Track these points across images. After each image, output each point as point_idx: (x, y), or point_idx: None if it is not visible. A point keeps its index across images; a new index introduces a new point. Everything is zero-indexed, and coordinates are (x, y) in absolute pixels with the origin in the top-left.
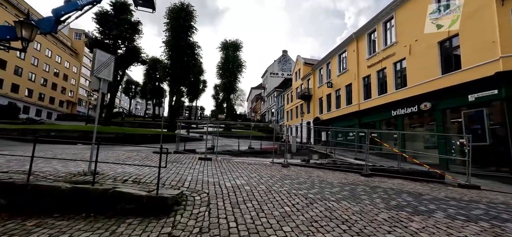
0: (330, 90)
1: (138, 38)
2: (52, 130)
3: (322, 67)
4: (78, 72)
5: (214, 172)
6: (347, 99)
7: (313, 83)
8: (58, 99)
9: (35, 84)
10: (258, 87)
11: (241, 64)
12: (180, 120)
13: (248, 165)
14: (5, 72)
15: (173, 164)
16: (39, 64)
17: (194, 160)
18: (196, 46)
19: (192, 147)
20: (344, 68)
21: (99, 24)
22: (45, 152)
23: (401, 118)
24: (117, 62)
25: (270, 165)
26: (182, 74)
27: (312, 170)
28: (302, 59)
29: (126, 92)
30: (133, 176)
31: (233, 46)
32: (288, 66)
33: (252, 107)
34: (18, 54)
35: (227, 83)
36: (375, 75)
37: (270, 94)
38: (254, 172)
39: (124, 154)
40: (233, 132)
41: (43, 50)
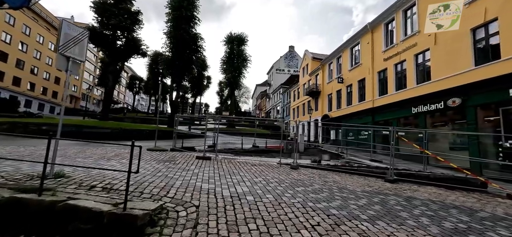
0: (340, 86)
1: (138, 29)
2: (43, 124)
3: (331, 62)
4: (82, 67)
5: (211, 175)
6: (360, 95)
7: (322, 79)
8: (61, 94)
9: (37, 77)
10: (264, 84)
11: (246, 59)
12: (178, 115)
13: (252, 166)
14: (7, 65)
15: (165, 164)
16: (42, 58)
17: (190, 160)
18: (199, 38)
19: (192, 144)
20: (357, 62)
21: (97, 13)
22: (25, 148)
23: (423, 116)
24: (116, 54)
25: (277, 167)
26: (184, 67)
27: (326, 173)
28: (310, 54)
29: (130, 87)
30: (106, 181)
31: (238, 40)
32: (295, 62)
33: (257, 105)
34: (20, 47)
35: (231, 78)
36: (392, 69)
37: (276, 91)
38: (259, 175)
39: (114, 151)
40: (237, 130)
41: (46, 44)
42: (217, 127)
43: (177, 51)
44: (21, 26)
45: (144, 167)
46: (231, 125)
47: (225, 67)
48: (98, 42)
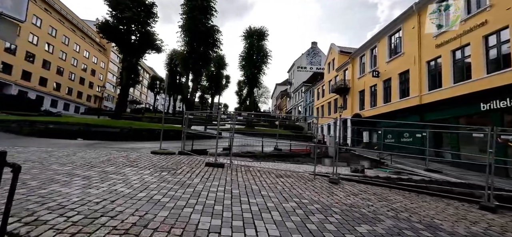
0: (375, 81)
1: (152, 22)
2: (51, 122)
3: (364, 54)
4: (106, 67)
5: (219, 195)
6: (402, 91)
7: (352, 74)
8: (86, 94)
9: (63, 78)
10: (284, 83)
11: (267, 55)
12: (188, 112)
13: (277, 178)
14: (34, 66)
15: (161, 176)
16: (67, 59)
17: (197, 167)
18: (216, 30)
19: (205, 146)
20: (398, 52)
21: (111, 7)
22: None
23: (498, 114)
24: (130, 49)
25: (311, 179)
26: (200, 62)
27: (381, 191)
28: (337, 47)
29: (151, 87)
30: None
31: (258, 34)
32: (318, 59)
33: (276, 104)
34: (46, 48)
35: (250, 75)
36: (449, 56)
37: (298, 89)
38: (290, 196)
39: (110, 154)
40: (256, 130)
41: (71, 45)
42: (233, 127)
43: (192, 44)
44: (47, 28)
45: (127, 180)
46: (249, 125)
47: (244, 64)
48: (112, 36)
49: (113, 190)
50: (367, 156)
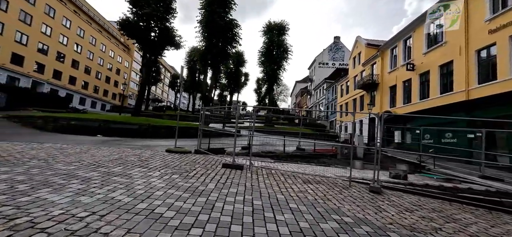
0: (410, 75)
1: (171, 18)
2: (73, 118)
3: (395, 46)
4: (130, 66)
5: (237, 208)
6: (443, 85)
7: (381, 68)
8: (111, 92)
9: (90, 77)
10: (304, 81)
11: (287, 50)
12: (204, 108)
13: (305, 184)
14: (64, 65)
15: (170, 179)
16: (94, 58)
17: (213, 169)
18: (235, 24)
19: (222, 144)
20: (439, 41)
21: (131, 4)
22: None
23: None
24: (150, 46)
25: (346, 187)
26: (218, 57)
27: (439, 205)
28: (364, 40)
29: (172, 86)
30: None
31: (278, 29)
32: (341, 54)
33: (296, 102)
34: (75, 48)
35: (270, 71)
36: (508, 43)
37: (319, 86)
38: (327, 213)
39: (122, 152)
40: (276, 128)
41: (98, 45)
42: (253, 124)
43: (211, 39)
44: (76, 29)
45: (131, 185)
46: (269, 123)
47: (263, 60)
48: (133, 33)
49: (109, 199)
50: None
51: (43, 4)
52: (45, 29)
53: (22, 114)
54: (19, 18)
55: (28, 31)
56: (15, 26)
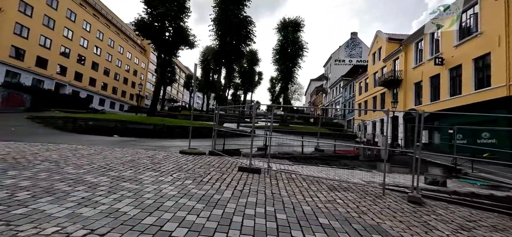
0: (437, 70)
1: (185, 17)
2: (91, 119)
3: (421, 39)
4: (146, 67)
5: (259, 224)
6: (478, 80)
7: (404, 64)
8: (129, 93)
9: (109, 78)
10: (319, 79)
11: (302, 47)
12: (219, 108)
13: (331, 191)
14: (84, 67)
15: (183, 185)
16: (113, 60)
17: (229, 173)
18: (249, 22)
19: (237, 145)
20: (472, 32)
21: (146, 4)
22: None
23: None
24: (164, 46)
25: (379, 195)
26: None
27: (498, 220)
28: (385, 34)
29: (187, 86)
30: None
31: (293, 26)
32: (358, 51)
33: (311, 101)
34: (94, 51)
35: (285, 69)
36: None
37: (335, 84)
38: (366, 231)
39: (136, 154)
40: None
41: (116, 47)
42: (270, 123)
43: (225, 38)
44: (95, 32)
45: (140, 193)
46: (284, 122)
47: (278, 57)
48: (148, 34)
49: (113, 211)
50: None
51: (65, 9)
52: (67, 33)
53: (44, 115)
54: (43, 23)
55: (51, 35)
56: (40, 31)
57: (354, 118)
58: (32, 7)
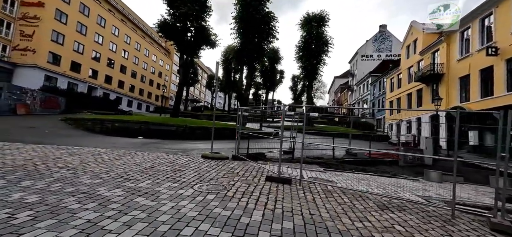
0: (490, 61)
1: (206, 16)
2: (117, 120)
3: (467, 27)
4: (170, 69)
5: None
6: None
7: (447, 56)
8: (154, 94)
9: (136, 80)
10: (344, 76)
11: (327, 43)
12: (243, 108)
13: (382, 211)
14: (113, 70)
15: (205, 200)
16: (139, 63)
17: (256, 182)
18: (271, 17)
19: (261, 148)
20: None
21: (168, 5)
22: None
23: None
24: (186, 47)
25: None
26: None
27: None
28: (421, 25)
29: (209, 86)
30: None
31: (317, 20)
32: (388, 45)
33: (335, 99)
34: (122, 54)
35: (309, 66)
36: None
37: (362, 81)
38: None
39: (156, 159)
40: (315, 128)
41: (142, 50)
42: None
43: (247, 35)
44: (123, 36)
45: (155, 213)
46: (309, 122)
47: (301, 54)
48: (170, 34)
49: None
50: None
51: (96, 15)
52: (98, 38)
53: (76, 117)
54: (76, 29)
55: (83, 41)
56: (74, 37)
57: (385, 117)
58: (67, 15)
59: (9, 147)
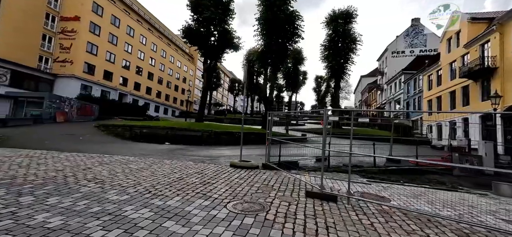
0: None
1: (229, 20)
2: (145, 127)
3: None
4: (194, 74)
5: None
6: None
7: (500, 48)
8: (179, 99)
9: (162, 86)
10: (371, 74)
11: (355, 40)
12: (272, 113)
13: None
14: (141, 77)
15: (243, 226)
16: (165, 69)
17: (296, 199)
18: (296, 16)
19: (291, 155)
20: None
21: (192, 11)
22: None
23: None
24: (210, 51)
25: None
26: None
27: None
28: (466, 14)
29: (231, 90)
30: None
31: (344, 17)
32: (421, 39)
33: (363, 100)
34: (150, 62)
35: (336, 65)
36: None
37: (394, 79)
38: None
39: (184, 169)
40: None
41: (167, 57)
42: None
43: (270, 36)
44: (150, 44)
45: None
46: (337, 125)
47: (327, 54)
48: (194, 40)
49: None
50: None
51: (125, 26)
52: (127, 47)
53: (107, 123)
54: (108, 40)
55: (115, 50)
56: (106, 47)
57: (422, 118)
58: (100, 27)
59: (45, 156)
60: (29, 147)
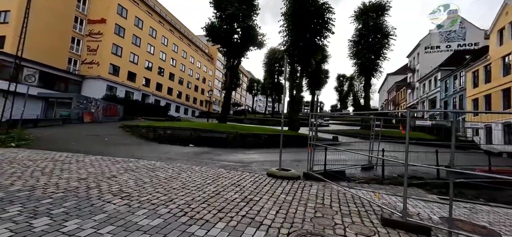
0: None
1: (254, 15)
2: (169, 128)
3: None
4: (213, 74)
5: None
6: None
7: None
8: (199, 99)
9: (182, 87)
10: (399, 72)
11: (388, 34)
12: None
13: None
14: (163, 78)
15: None
16: (185, 70)
17: (371, 229)
18: (326, 8)
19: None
20: None
21: (215, 8)
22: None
23: None
24: (233, 49)
25: None
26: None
27: None
28: None
29: (250, 90)
30: None
31: (375, 10)
32: (460, 33)
33: (389, 99)
34: (171, 62)
35: (366, 62)
36: None
37: (428, 77)
38: None
39: (217, 178)
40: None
41: (188, 57)
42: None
43: (298, 31)
44: (171, 45)
45: None
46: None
47: (356, 50)
48: (217, 38)
49: None
50: None
51: (148, 27)
52: (150, 48)
53: (132, 124)
54: (132, 42)
55: (138, 52)
56: (130, 49)
57: (465, 119)
58: (124, 29)
59: (70, 160)
60: (55, 149)
